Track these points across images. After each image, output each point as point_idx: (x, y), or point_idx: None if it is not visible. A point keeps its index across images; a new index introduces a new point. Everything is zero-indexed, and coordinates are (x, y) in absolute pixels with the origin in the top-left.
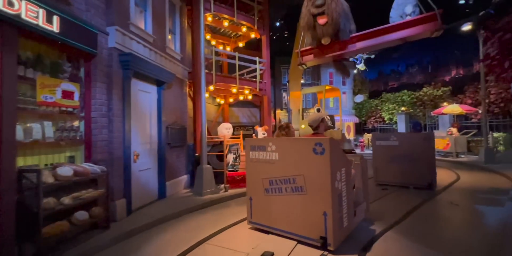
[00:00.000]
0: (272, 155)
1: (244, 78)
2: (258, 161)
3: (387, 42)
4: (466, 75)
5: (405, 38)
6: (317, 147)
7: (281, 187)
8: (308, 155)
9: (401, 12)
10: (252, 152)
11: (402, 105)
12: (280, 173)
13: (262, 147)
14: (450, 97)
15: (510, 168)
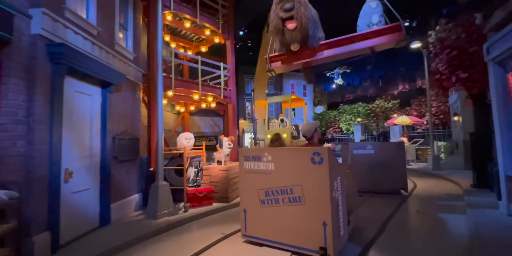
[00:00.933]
0: (268, 166)
1: (207, 84)
2: (253, 172)
3: (355, 51)
4: (411, 90)
5: (372, 47)
6: (315, 157)
7: (278, 198)
8: (306, 164)
9: (368, 21)
10: (246, 163)
11: (358, 116)
12: (276, 183)
13: (257, 157)
14: (399, 109)
15: (453, 174)
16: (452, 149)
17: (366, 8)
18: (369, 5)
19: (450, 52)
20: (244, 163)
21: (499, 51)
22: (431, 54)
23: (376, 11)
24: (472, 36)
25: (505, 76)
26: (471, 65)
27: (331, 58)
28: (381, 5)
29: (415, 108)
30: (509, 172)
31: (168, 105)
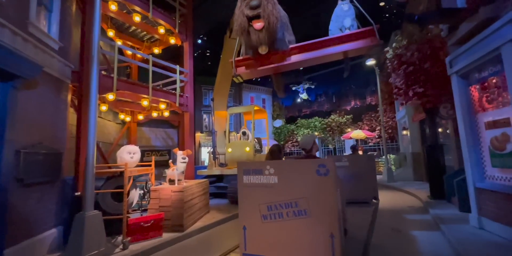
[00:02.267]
0: (271, 179)
1: (159, 89)
2: (254, 186)
3: (328, 56)
4: (362, 106)
5: (346, 52)
6: (321, 169)
7: (281, 212)
8: (312, 176)
9: (340, 25)
10: (246, 177)
11: (315, 130)
12: (280, 197)
13: (259, 170)
14: (352, 124)
15: (407, 185)
16: (400, 161)
17: (338, 10)
18: (341, 7)
19: (407, 68)
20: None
21: (463, 64)
22: (389, 70)
23: (348, 14)
24: (426, 53)
25: (468, 89)
26: (426, 81)
27: (302, 63)
28: (354, 8)
29: (367, 123)
30: (478, 183)
31: (109, 113)
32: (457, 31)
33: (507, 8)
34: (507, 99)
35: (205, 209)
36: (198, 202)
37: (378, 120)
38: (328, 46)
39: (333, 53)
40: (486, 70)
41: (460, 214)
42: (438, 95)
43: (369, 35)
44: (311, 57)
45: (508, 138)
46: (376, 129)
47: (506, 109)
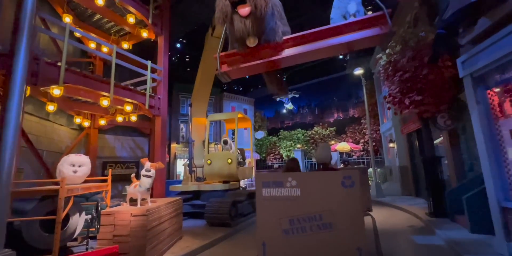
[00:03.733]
0: (293, 191)
1: (125, 87)
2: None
3: (330, 48)
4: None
5: (351, 44)
6: (347, 180)
7: (304, 226)
8: (336, 188)
9: (344, 11)
10: (265, 189)
11: (297, 143)
12: (303, 210)
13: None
14: (336, 136)
15: (398, 201)
16: (386, 175)
17: None
18: None
19: (403, 75)
20: (263, 190)
21: (480, 65)
22: (381, 77)
23: None
24: (423, 59)
25: (486, 93)
26: (423, 89)
27: (299, 58)
28: None
29: (350, 136)
30: (505, 202)
31: (62, 116)
32: (473, 27)
33: None
34: None
35: (176, 234)
36: (168, 226)
37: (362, 132)
38: (330, 36)
39: (335, 45)
40: (510, 70)
41: (475, 237)
42: (437, 104)
43: (379, 22)
44: (309, 50)
45: None
46: (359, 142)
47: None
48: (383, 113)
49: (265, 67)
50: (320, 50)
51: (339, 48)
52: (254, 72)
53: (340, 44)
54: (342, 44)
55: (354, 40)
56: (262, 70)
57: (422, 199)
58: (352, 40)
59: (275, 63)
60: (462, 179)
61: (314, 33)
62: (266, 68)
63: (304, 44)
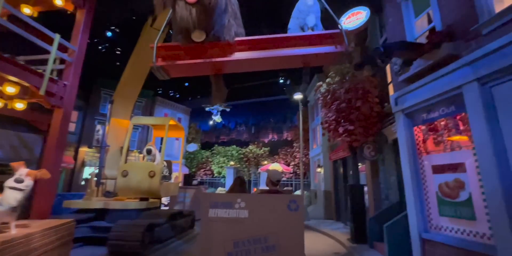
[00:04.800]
0: (241, 213)
1: (10, 59)
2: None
3: (283, 60)
4: (279, 140)
5: (306, 58)
6: (292, 204)
7: (249, 249)
8: (283, 212)
9: (302, 23)
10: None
11: (231, 159)
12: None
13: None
14: (269, 156)
15: (321, 224)
16: (311, 199)
17: (301, 5)
18: (305, 1)
19: (339, 104)
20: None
21: (411, 102)
22: (320, 103)
23: (313, 11)
24: (358, 92)
25: (412, 129)
26: (355, 119)
27: (249, 64)
28: (319, 5)
29: (282, 157)
30: (425, 234)
31: None
32: (409, 68)
33: (470, 47)
34: (461, 143)
35: None
36: None
37: (293, 155)
38: (285, 46)
39: (290, 56)
40: (436, 110)
41: None
42: (365, 135)
43: (336, 40)
44: (262, 57)
45: (462, 185)
46: (290, 164)
47: (460, 153)
48: (314, 139)
49: (210, 69)
50: (274, 59)
51: (293, 61)
52: (196, 72)
53: (294, 56)
54: (296, 56)
55: (309, 54)
56: (206, 71)
57: (342, 224)
58: (306, 53)
59: (222, 65)
60: (379, 207)
61: (270, 39)
62: (211, 70)
63: (258, 49)
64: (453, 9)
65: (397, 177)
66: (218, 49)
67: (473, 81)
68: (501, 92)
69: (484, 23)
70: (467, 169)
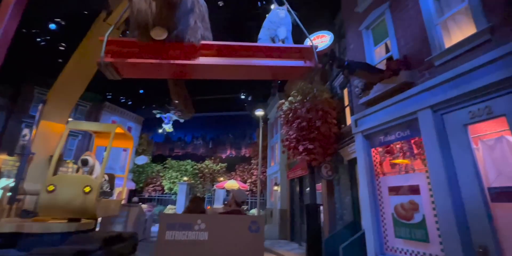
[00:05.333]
0: (200, 235)
1: None
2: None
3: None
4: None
5: (275, 70)
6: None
7: None
8: (244, 233)
9: (273, 34)
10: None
11: (185, 175)
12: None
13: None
14: (226, 172)
15: (276, 245)
16: (266, 218)
17: (273, 16)
18: (277, 13)
19: (300, 123)
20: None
21: (369, 125)
22: (281, 121)
23: (284, 23)
24: (318, 113)
25: (370, 151)
26: (315, 139)
27: (214, 71)
28: (290, 18)
29: (239, 174)
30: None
31: None
32: (369, 92)
33: (424, 76)
34: (415, 165)
35: None
36: None
37: (250, 172)
38: (254, 56)
39: (259, 66)
40: (393, 134)
41: None
42: (324, 154)
43: (305, 56)
44: (229, 64)
45: (416, 207)
46: (247, 181)
47: (414, 175)
48: (272, 157)
49: (170, 72)
50: (241, 68)
51: (261, 71)
52: (153, 74)
53: (263, 67)
54: (265, 67)
55: (278, 66)
56: (165, 74)
57: (297, 244)
58: (275, 65)
59: (185, 69)
60: (334, 227)
61: (239, 46)
62: (171, 73)
63: (225, 56)
64: (409, 41)
65: (351, 197)
66: (181, 51)
67: (427, 108)
68: (450, 120)
69: (436, 56)
70: (421, 191)
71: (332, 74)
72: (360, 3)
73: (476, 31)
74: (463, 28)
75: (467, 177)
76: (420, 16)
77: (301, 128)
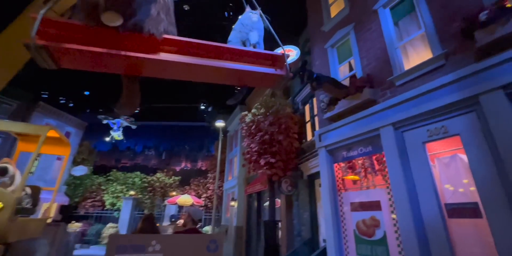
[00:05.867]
0: None
1: None
2: None
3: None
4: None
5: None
6: (211, 245)
7: None
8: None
9: (245, 38)
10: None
11: (132, 189)
12: None
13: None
14: (178, 187)
15: None
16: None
17: (245, 19)
18: (250, 16)
19: (263, 136)
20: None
21: (333, 140)
22: (243, 133)
23: (257, 28)
24: (281, 127)
25: (333, 166)
26: (277, 152)
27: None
28: (263, 24)
29: (194, 188)
30: None
31: None
32: (334, 106)
33: (386, 95)
34: (376, 181)
35: None
36: None
37: (206, 187)
38: (223, 58)
39: (227, 69)
40: (355, 149)
41: None
42: (285, 169)
43: (276, 64)
44: (194, 64)
45: (377, 223)
46: (201, 196)
47: (375, 191)
48: (230, 170)
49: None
50: (207, 69)
51: (229, 75)
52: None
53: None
54: (234, 71)
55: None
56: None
57: None
58: (245, 70)
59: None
60: (291, 244)
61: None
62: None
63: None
64: (372, 61)
65: (310, 213)
66: (139, 43)
67: (389, 125)
68: (410, 137)
69: (396, 76)
70: (382, 207)
71: (294, 90)
72: (326, 23)
73: (432, 56)
74: (420, 52)
75: (426, 193)
76: (382, 39)
77: (263, 141)
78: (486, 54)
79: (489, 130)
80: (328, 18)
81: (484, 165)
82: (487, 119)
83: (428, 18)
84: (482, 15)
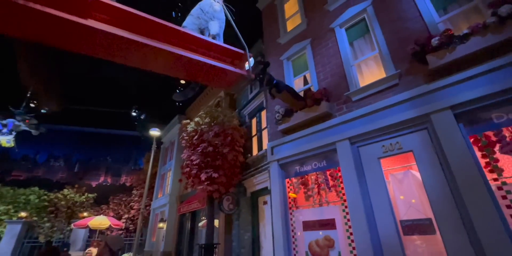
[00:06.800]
0: None
1: None
2: None
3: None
4: (113, 184)
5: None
6: None
7: None
8: None
9: (204, 26)
10: None
11: (24, 209)
12: None
13: None
14: (93, 206)
15: None
16: None
17: (205, 5)
18: (211, 3)
19: (206, 147)
20: None
21: (286, 153)
22: (183, 143)
23: (218, 18)
24: (226, 139)
25: (285, 181)
26: (220, 167)
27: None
28: (225, 16)
29: (113, 208)
30: None
31: None
32: (289, 119)
33: (343, 109)
34: (330, 198)
35: None
36: None
37: (129, 206)
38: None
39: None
40: (309, 164)
41: None
42: (227, 185)
43: (236, 62)
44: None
45: (332, 243)
46: (122, 217)
47: (329, 209)
48: (161, 187)
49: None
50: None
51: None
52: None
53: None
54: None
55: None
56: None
57: None
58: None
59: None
60: None
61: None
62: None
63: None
64: (328, 76)
65: (252, 234)
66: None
67: (345, 140)
68: (366, 152)
69: (352, 92)
70: (337, 225)
71: (241, 103)
72: (282, 35)
73: (386, 76)
74: (373, 71)
75: (382, 210)
76: (339, 55)
77: (206, 153)
78: (438, 76)
79: (440, 147)
80: (284, 32)
81: (436, 181)
82: (438, 136)
83: (382, 40)
84: (434, 40)
